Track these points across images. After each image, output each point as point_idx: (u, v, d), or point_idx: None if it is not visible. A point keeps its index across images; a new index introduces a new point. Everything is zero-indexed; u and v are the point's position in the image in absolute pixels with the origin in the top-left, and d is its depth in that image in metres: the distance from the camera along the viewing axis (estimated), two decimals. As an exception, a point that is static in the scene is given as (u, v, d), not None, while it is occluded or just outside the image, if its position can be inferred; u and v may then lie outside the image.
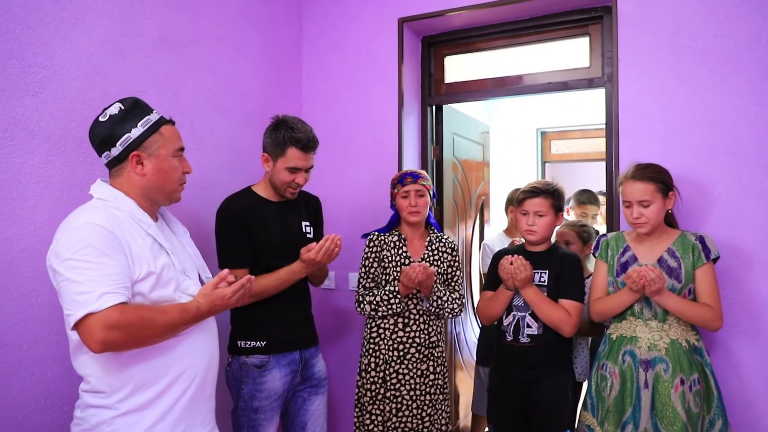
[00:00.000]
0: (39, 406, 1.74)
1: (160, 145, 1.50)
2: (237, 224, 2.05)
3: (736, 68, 2.13)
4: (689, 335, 1.96)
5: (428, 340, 2.28)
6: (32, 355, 1.72)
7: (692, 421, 1.88)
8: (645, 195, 1.94)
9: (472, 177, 3.43)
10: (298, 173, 2.08)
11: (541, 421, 2.14)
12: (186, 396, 1.48)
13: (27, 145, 1.72)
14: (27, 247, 1.71)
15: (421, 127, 2.94)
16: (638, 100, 2.30)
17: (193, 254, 1.68)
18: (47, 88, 1.77)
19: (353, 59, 2.90)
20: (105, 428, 1.39)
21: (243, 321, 2.11)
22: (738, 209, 2.14)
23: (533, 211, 2.17)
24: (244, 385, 2.06)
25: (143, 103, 1.54)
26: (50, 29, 1.78)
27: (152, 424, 1.42)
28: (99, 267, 1.31)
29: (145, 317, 1.35)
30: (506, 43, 2.78)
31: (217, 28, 2.45)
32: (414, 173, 2.34)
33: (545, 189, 2.19)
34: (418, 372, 2.25)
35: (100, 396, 1.41)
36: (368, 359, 2.30)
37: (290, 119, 2.08)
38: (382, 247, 2.34)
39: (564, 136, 5.44)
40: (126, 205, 1.46)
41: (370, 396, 2.28)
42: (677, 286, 1.94)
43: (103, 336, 1.28)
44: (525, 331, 2.15)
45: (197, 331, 1.52)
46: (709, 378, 1.95)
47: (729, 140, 2.15)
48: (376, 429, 2.27)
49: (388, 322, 2.28)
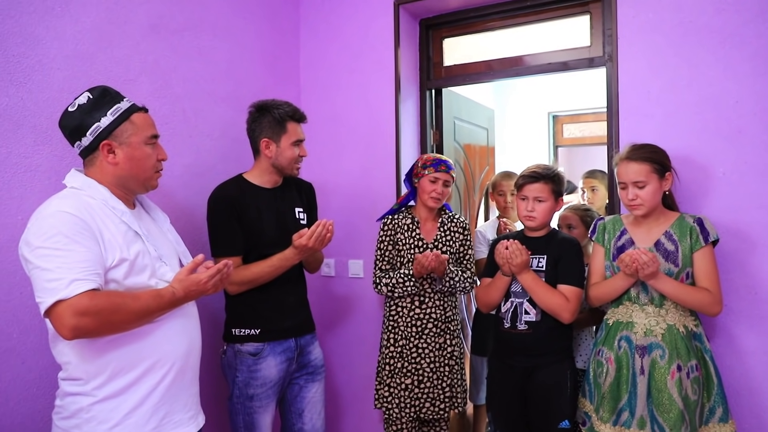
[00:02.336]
0: (31, 393, 1.77)
1: (131, 133, 1.50)
2: (228, 211, 2.04)
3: (739, 44, 2.05)
4: (687, 321, 1.90)
5: (444, 315, 2.37)
6: (23, 343, 1.74)
7: (690, 409, 1.83)
8: (640, 176, 1.88)
9: (476, 162, 3.38)
10: (301, 146, 2.14)
11: (540, 410, 2.10)
12: (165, 382, 1.49)
13: (13, 135, 1.73)
14: (14, 236, 1.71)
15: (419, 111, 2.90)
16: (639, 79, 2.23)
17: (173, 240, 1.69)
18: (32, 77, 1.77)
19: (351, 44, 2.86)
20: (84, 415, 1.41)
21: (237, 308, 2.11)
22: (742, 190, 2.06)
23: (533, 196, 2.12)
24: (239, 373, 2.06)
25: (113, 91, 1.53)
26: (34, 18, 1.78)
27: (131, 410, 1.43)
28: (69, 254, 1.31)
29: (116, 303, 1.35)
30: (505, 23, 2.71)
31: (209, 15, 2.43)
32: (448, 162, 2.37)
33: (545, 174, 2.14)
34: (437, 345, 2.34)
35: (78, 383, 1.42)
36: (388, 335, 2.39)
37: (269, 101, 2.13)
38: (395, 231, 2.39)
39: (576, 120, 5.32)
40: (99, 193, 1.46)
41: (389, 370, 2.36)
42: (674, 270, 1.88)
43: (74, 322, 1.28)
44: (523, 318, 2.11)
45: (175, 316, 1.52)
46: (708, 365, 1.90)
47: (733, 118, 2.07)
48: (395, 400, 2.33)
49: (405, 301, 2.36)
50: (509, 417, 2.17)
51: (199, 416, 1.64)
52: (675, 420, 1.81)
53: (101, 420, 1.41)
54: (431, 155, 2.42)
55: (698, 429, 1.86)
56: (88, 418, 1.40)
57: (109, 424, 1.41)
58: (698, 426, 1.86)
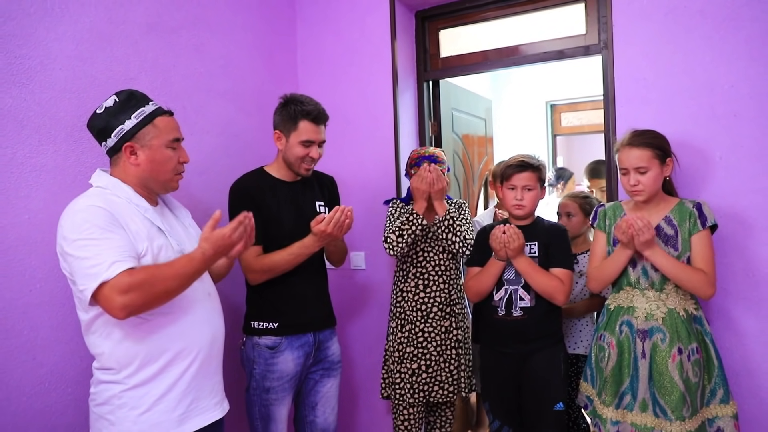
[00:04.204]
0: (43, 388, 1.80)
1: (153, 136, 1.56)
2: (245, 203, 2.03)
3: (733, 29, 2.06)
4: (688, 304, 1.93)
5: (449, 298, 2.38)
6: (33, 340, 1.77)
7: (691, 391, 1.86)
8: (642, 161, 1.90)
9: (474, 152, 3.40)
10: (311, 147, 2.11)
11: (535, 394, 2.14)
12: (192, 369, 1.56)
13: (17, 135, 1.75)
14: (22, 235, 1.75)
15: (417, 103, 2.91)
16: (635, 66, 2.24)
17: (195, 235, 1.74)
18: (34, 78, 1.79)
19: (347, 38, 2.87)
20: (116, 401, 1.49)
21: (257, 301, 2.14)
22: (739, 174, 2.08)
23: (522, 185, 2.16)
24: (256, 366, 2.09)
25: (139, 95, 1.59)
26: (34, 20, 1.80)
27: (160, 396, 1.51)
28: (105, 241, 1.40)
29: (153, 273, 1.42)
30: (501, 13, 2.72)
31: (206, 12, 2.45)
32: (432, 157, 2.37)
33: (533, 163, 2.19)
34: (442, 329, 2.35)
35: (110, 372, 1.51)
36: (395, 322, 2.42)
37: (298, 95, 2.12)
38: (402, 213, 2.40)
39: (574, 108, 5.34)
40: (123, 191, 1.54)
41: (398, 356, 2.37)
42: (674, 254, 1.91)
43: (122, 301, 1.36)
44: (518, 305, 2.14)
45: (198, 308, 1.60)
46: (709, 347, 1.92)
47: (729, 102, 2.08)
48: (405, 385, 2.34)
49: (410, 285, 2.38)
50: (507, 404, 2.21)
51: (224, 402, 1.71)
52: (676, 402, 1.83)
53: (132, 406, 1.49)
54: (417, 151, 2.42)
55: (699, 410, 1.89)
56: (120, 404, 1.49)
57: (140, 410, 1.49)
58: (699, 407, 1.89)
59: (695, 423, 1.86)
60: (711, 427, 1.91)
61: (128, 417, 1.48)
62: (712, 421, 1.91)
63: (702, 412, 1.90)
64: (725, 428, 1.90)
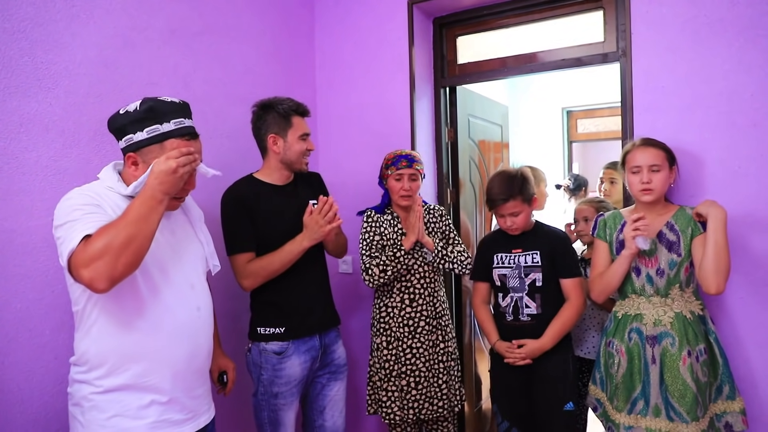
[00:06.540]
0: (64, 387, 1.81)
1: (155, 156, 1.50)
2: (238, 210, 2.08)
3: (753, 37, 2.05)
4: (693, 306, 1.95)
5: (435, 311, 2.37)
6: (55, 339, 1.81)
7: (701, 391, 1.88)
8: (657, 159, 1.95)
9: (490, 158, 3.40)
10: (308, 140, 2.16)
11: (545, 396, 2.17)
12: (165, 383, 1.53)
13: (42, 139, 1.79)
14: (45, 236, 1.78)
15: (434, 109, 2.93)
16: (653, 74, 2.23)
17: (204, 241, 1.73)
18: (60, 83, 1.84)
19: (366, 44, 2.90)
20: (86, 403, 1.49)
21: (262, 307, 2.15)
22: (759, 184, 2.06)
23: (508, 213, 2.20)
24: (263, 371, 2.10)
25: (160, 111, 1.51)
26: (60, 26, 1.84)
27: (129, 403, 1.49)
28: (83, 218, 1.38)
29: (105, 230, 1.35)
30: (518, 20, 2.73)
31: (226, 18, 2.49)
32: (409, 156, 2.36)
33: (514, 191, 2.18)
34: (430, 343, 2.34)
35: (81, 370, 1.51)
36: (380, 338, 2.37)
37: (271, 98, 2.16)
38: (379, 224, 2.40)
39: (591, 115, 5.31)
40: (119, 188, 1.53)
41: (385, 373, 2.33)
42: (677, 260, 1.93)
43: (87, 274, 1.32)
44: (524, 311, 2.18)
45: (180, 321, 1.57)
46: (713, 346, 1.95)
47: (748, 111, 2.07)
48: (394, 405, 2.32)
49: (395, 300, 2.35)
50: (517, 407, 2.24)
51: (200, 418, 1.65)
52: (691, 404, 1.85)
53: (102, 409, 1.48)
54: (392, 153, 2.40)
55: (708, 408, 1.92)
56: (90, 407, 1.48)
57: (108, 414, 1.48)
58: (708, 405, 1.92)
59: (706, 421, 1.89)
60: (719, 422, 1.94)
61: (96, 419, 1.48)
62: (720, 417, 1.94)
63: (710, 408, 1.93)
64: (734, 423, 1.92)
